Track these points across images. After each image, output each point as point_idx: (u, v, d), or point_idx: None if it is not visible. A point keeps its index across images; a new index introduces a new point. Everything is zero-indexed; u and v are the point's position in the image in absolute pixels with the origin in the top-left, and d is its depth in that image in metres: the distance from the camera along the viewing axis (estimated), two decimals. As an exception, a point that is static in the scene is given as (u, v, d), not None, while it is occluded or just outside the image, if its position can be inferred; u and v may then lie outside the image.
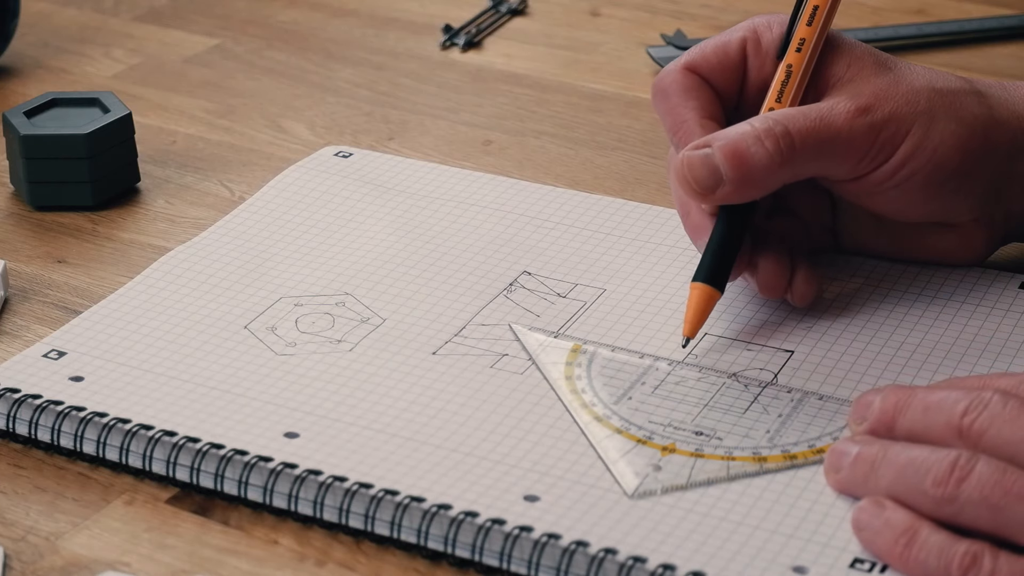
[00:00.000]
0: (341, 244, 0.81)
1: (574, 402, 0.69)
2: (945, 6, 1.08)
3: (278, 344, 0.73)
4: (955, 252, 0.76)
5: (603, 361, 0.71)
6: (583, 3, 1.11)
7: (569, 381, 0.70)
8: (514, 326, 0.73)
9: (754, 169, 0.70)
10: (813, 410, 0.68)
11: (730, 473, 0.65)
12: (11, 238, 0.85)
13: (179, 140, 0.94)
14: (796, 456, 0.66)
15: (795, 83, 0.73)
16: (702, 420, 0.68)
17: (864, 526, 0.61)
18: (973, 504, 0.59)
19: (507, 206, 0.84)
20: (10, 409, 0.69)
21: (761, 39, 0.75)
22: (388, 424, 0.68)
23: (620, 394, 0.69)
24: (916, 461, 0.61)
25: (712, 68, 0.75)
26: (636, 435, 0.67)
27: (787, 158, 0.70)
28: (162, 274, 0.79)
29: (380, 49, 1.05)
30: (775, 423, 0.67)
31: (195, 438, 0.67)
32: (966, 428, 0.61)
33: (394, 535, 0.63)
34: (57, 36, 1.07)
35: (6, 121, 0.87)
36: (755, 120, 0.71)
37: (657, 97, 0.75)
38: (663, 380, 0.70)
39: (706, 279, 0.72)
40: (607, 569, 0.60)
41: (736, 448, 0.66)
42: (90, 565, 0.63)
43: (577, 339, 0.72)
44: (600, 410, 0.68)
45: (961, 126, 0.72)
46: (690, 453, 0.66)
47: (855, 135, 0.70)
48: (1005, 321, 0.74)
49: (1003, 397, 0.61)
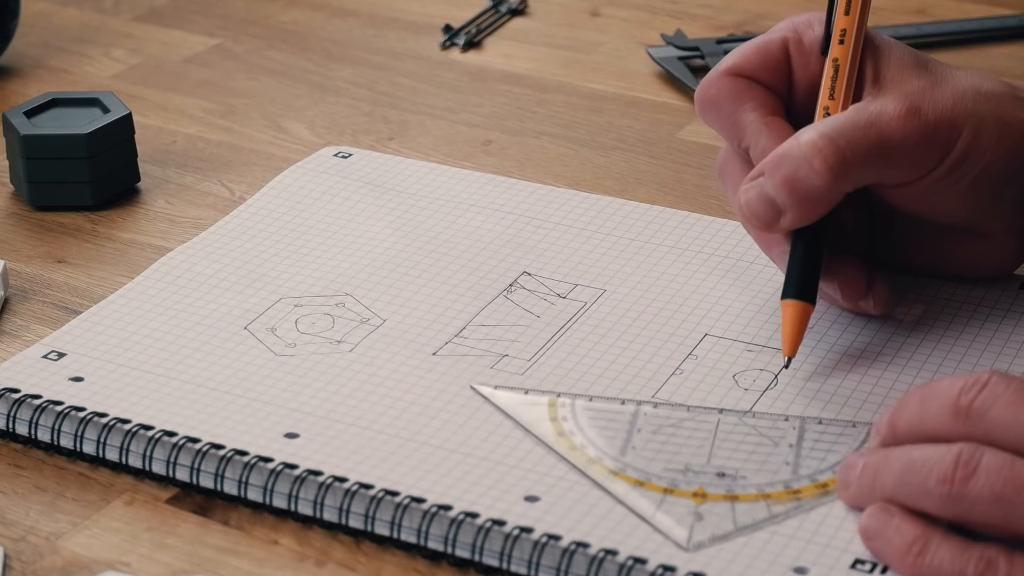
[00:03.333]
0: (341, 244, 0.81)
1: (579, 458, 0.66)
2: (945, 6, 1.08)
3: (278, 345, 0.73)
4: (987, 263, 0.75)
5: (587, 412, 0.68)
6: (583, 3, 1.11)
7: (564, 437, 0.67)
8: (479, 388, 0.70)
9: (810, 192, 0.68)
10: (820, 435, 0.67)
11: (772, 512, 0.63)
12: (11, 238, 0.85)
13: (179, 140, 0.94)
14: (828, 484, 0.64)
15: (844, 77, 0.72)
16: (718, 460, 0.65)
17: (874, 535, 0.60)
18: (983, 502, 0.57)
19: (507, 206, 0.84)
20: (10, 409, 0.69)
21: (803, 37, 0.73)
22: (388, 424, 0.68)
23: (623, 444, 0.66)
24: (917, 461, 0.59)
25: (755, 69, 0.73)
26: (660, 485, 0.64)
27: (839, 173, 0.68)
28: (162, 274, 0.79)
29: (380, 49, 1.05)
30: (790, 453, 0.66)
31: (195, 438, 0.67)
32: (964, 408, 0.58)
33: (394, 535, 0.63)
34: (57, 36, 1.07)
35: (6, 121, 0.87)
36: (801, 135, 0.69)
37: (707, 109, 0.73)
38: (657, 424, 0.68)
39: (796, 295, 0.70)
40: (607, 570, 0.60)
41: (766, 484, 0.64)
42: (90, 565, 0.63)
43: (549, 392, 0.69)
44: (611, 463, 0.65)
45: (1007, 131, 0.70)
46: (724, 496, 0.63)
47: (908, 139, 0.69)
48: (1005, 321, 0.74)
49: (1004, 378, 0.59)
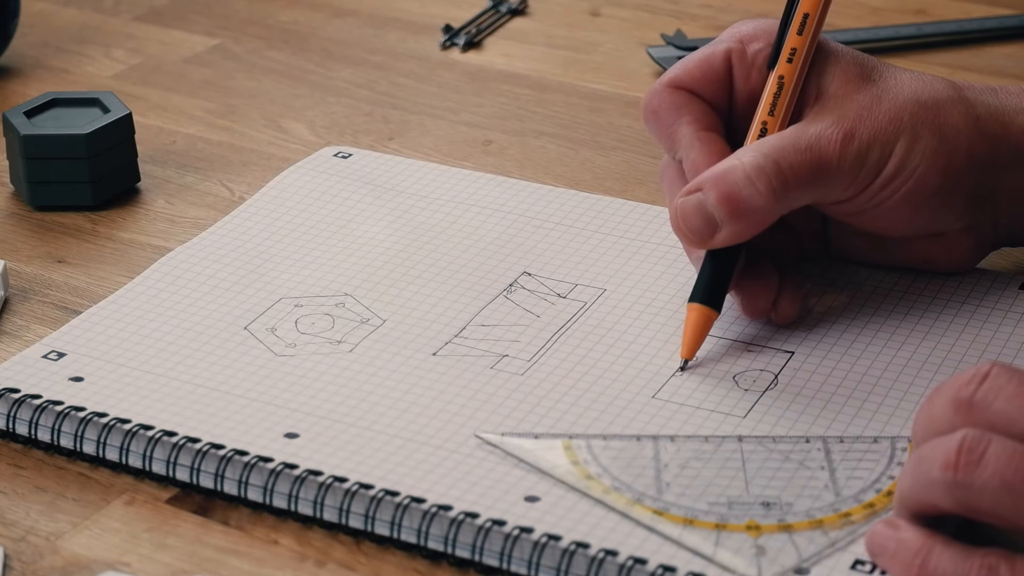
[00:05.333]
0: (341, 244, 0.81)
1: (619, 501, 0.64)
2: (945, 6, 1.08)
3: (278, 345, 0.73)
4: (943, 259, 0.76)
5: (607, 453, 0.66)
6: (583, 3, 1.11)
7: (593, 481, 0.64)
8: (484, 435, 0.67)
9: (750, 211, 0.70)
10: (846, 453, 0.65)
11: (830, 539, 0.61)
12: (11, 238, 0.85)
13: (179, 140, 0.94)
14: (874, 503, 0.63)
15: (787, 95, 0.73)
16: (757, 490, 0.64)
17: (880, 551, 0.59)
18: (991, 490, 0.55)
19: (507, 206, 0.84)
20: (10, 409, 0.69)
21: (747, 49, 0.74)
22: (388, 424, 0.68)
23: (654, 482, 0.64)
24: (925, 454, 0.57)
25: (697, 81, 0.74)
26: (710, 521, 0.62)
27: (780, 195, 0.70)
28: (162, 274, 0.79)
29: (380, 49, 1.05)
30: (826, 476, 0.64)
31: (195, 438, 0.67)
32: (966, 400, 0.57)
33: (394, 535, 0.63)
34: (57, 36, 1.07)
35: (6, 121, 0.87)
36: (744, 155, 0.70)
37: (648, 119, 0.75)
38: (685, 459, 0.66)
39: (703, 301, 0.71)
40: (607, 570, 0.60)
41: (815, 510, 0.63)
42: (90, 565, 0.63)
43: (560, 435, 0.67)
44: (652, 503, 0.63)
45: (943, 143, 0.71)
46: (778, 527, 0.62)
47: (843, 163, 0.70)
48: (1005, 322, 0.74)
49: (1005, 370, 0.58)
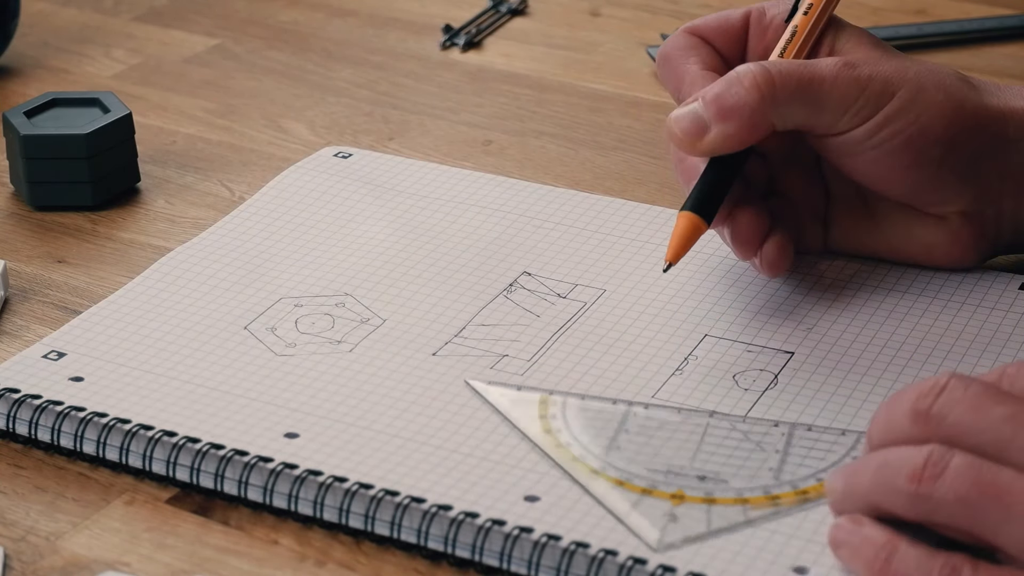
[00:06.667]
0: (341, 244, 0.81)
1: (563, 456, 0.66)
2: (945, 6, 1.08)
3: (278, 345, 0.73)
4: (944, 249, 0.76)
5: (577, 411, 0.68)
6: (583, 3, 1.11)
7: (550, 435, 0.67)
8: (472, 383, 0.70)
9: (734, 108, 0.71)
10: (808, 442, 0.66)
11: (748, 517, 0.63)
12: (11, 238, 0.85)
13: (179, 140, 0.94)
14: (808, 491, 0.64)
15: (799, 42, 0.74)
16: (700, 463, 0.65)
17: (842, 543, 0.59)
18: (948, 503, 0.57)
19: (507, 206, 0.84)
20: (10, 409, 0.69)
21: (767, 12, 0.77)
22: (388, 424, 0.68)
23: (607, 443, 0.66)
24: (891, 461, 0.58)
25: (712, 31, 0.76)
26: (639, 485, 0.64)
27: (767, 95, 0.71)
28: (162, 274, 0.79)
29: (380, 49, 1.05)
30: (775, 459, 0.65)
31: (195, 438, 0.67)
32: (923, 412, 0.58)
33: (394, 535, 0.63)
34: (57, 36, 1.07)
35: (6, 121, 0.87)
36: (738, 67, 0.72)
37: (661, 64, 0.77)
38: (645, 425, 0.68)
39: (693, 208, 0.72)
40: (607, 570, 0.60)
41: (746, 489, 0.64)
42: (90, 565, 0.63)
43: (542, 390, 0.69)
44: (593, 462, 0.65)
45: (949, 99, 0.72)
46: (702, 499, 0.63)
47: (839, 84, 0.71)
48: (1005, 321, 0.74)
49: (962, 381, 0.58)
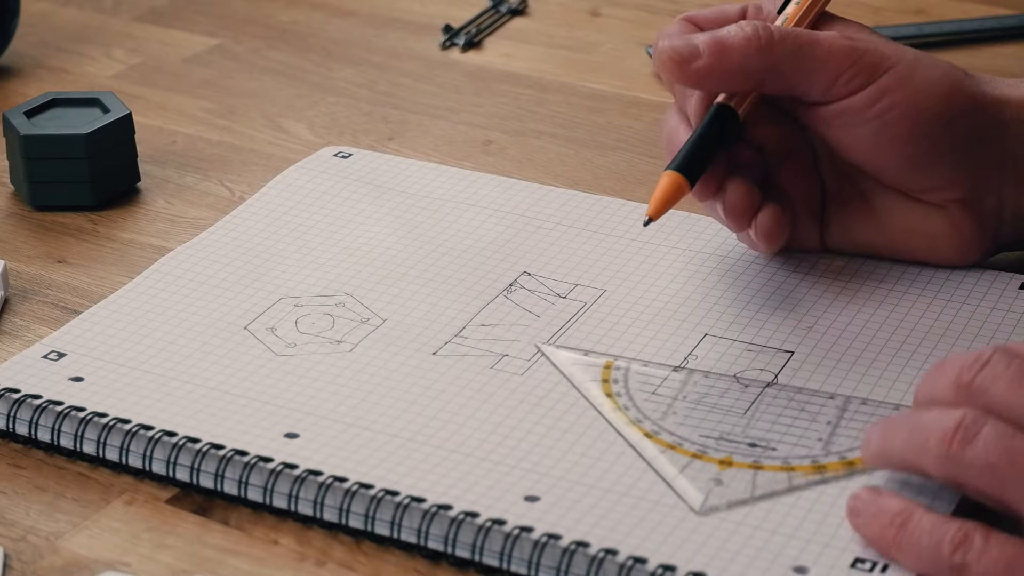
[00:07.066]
0: (341, 244, 0.81)
1: (620, 419, 0.68)
2: (945, 6, 1.08)
3: (278, 345, 0.73)
4: (946, 241, 0.75)
5: (639, 376, 0.70)
6: (583, 3, 1.11)
7: (611, 399, 0.69)
8: (542, 346, 0.72)
9: (731, 47, 0.72)
10: (863, 416, 0.67)
11: (792, 484, 0.64)
12: (11, 238, 0.85)
13: (179, 140, 0.94)
14: (855, 463, 0.65)
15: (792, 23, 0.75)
16: (752, 431, 0.67)
17: (859, 512, 0.61)
18: (977, 468, 0.58)
19: (507, 206, 0.84)
20: (10, 409, 0.69)
21: (763, 6, 0.78)
22: (388, 424, 0.68)
23: (664, 409, 0.68)
24: (925, 422, 0.60)
25: (707, 20, 0.77)
26: (690, 450, 0.66)
27: (764, 45, 0.72)
28: (162, 274, 0.79)
29: (380, 49, 1.05)
30: (826, 430, 0.67)
31: (195, 438, 0.67)
32: (965, 384, 0.60)
33: (394, 535, 0.63)
34: (57, 36, 1.07)
35: (6, 121, 0.87)
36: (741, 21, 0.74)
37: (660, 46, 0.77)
38: (705, 393, 0.69)
39: (678, 168, 0.72)
40: (607, 569, 0.60)
41: (793, 458, 0.65)
42: (90, 565, 0.63)
43: (609, 355, 0.72)
44: (649, 426, 0.67)
45: (945, 78, 0.73)
46: (749, 465, 0.65)
47: (835, 49, 0.72)
48: (1005, 321, 0.74)
49: (1006, 356, 0.60)
